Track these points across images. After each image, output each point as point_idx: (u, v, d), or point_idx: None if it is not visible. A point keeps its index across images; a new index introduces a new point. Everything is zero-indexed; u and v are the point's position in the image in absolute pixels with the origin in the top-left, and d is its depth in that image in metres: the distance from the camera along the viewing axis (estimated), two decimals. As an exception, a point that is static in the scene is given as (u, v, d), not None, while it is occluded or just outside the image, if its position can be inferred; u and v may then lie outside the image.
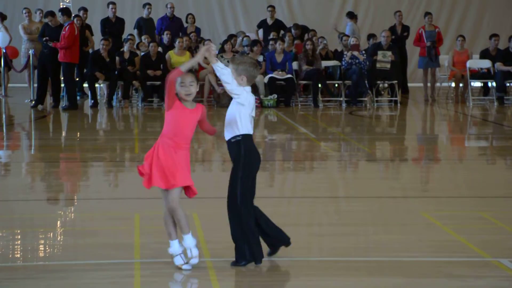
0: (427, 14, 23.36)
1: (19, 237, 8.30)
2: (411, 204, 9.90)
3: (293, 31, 23.21)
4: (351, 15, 24.37)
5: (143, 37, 22.27)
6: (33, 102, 20.48)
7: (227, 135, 7.05)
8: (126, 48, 21.50)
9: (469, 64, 22.06)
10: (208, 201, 9.70)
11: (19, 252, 7.78)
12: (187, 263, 7.02)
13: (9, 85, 22.39)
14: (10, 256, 7.69)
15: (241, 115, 6.97)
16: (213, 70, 22.13)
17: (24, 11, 22.38)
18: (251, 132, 7.04)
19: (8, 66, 22.06)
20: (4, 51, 21.77)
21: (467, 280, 6.83)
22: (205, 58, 7.02)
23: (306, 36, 22.44)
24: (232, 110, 7.01)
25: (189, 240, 7.02)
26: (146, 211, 9.16)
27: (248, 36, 22.72)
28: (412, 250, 7.70)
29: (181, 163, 6.97)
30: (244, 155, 7.00)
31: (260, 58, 20.99)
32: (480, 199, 10.15)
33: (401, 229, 8.58)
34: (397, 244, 7.90)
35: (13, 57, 22.24)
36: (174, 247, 7.05)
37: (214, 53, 6.99)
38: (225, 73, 6.91)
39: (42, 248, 7.81)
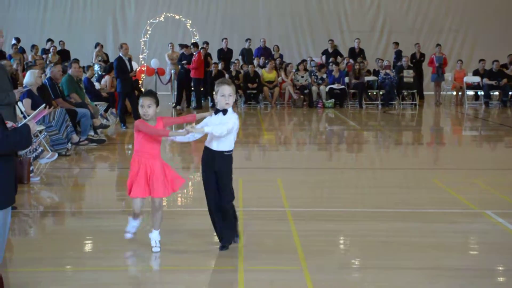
0: (438, 45, 22.90)
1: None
2: (425, 173, 9.72)
3: (348, 55, 23.06)
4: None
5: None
6: (174, 104, 20.73)
7: (221, 148, 5.66)
8: (232, 68, 21.57)
9: (465, 79, 21.68)
10: (288, 170, 9.72)
11: (176, 201, 7.76)
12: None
13: (158, 93, 22.64)
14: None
15: (231, 137, 5.67)
16: (292, 83, 21.70)
17: (169, 45, 22.65)
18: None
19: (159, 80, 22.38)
20: (156, 70, 22.10)
21: (463, 224, 6.72)
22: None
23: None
24: (227, 138, 5.63)
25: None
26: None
27: (314, 60, 22.55)
28: (426, 204, 7.58)
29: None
30: (231, 165, 5.76)
31: (324, 75, 20.88)
32: (473, 170, 9.94)
33: (419, 190, 8.43)
34: (416, 200, 7.79)
35: (161, 75, 22.50)
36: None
37: (196, 129, 5.53)
38: (217, 130, 5.53)
39: (184, 197, 7.90)
